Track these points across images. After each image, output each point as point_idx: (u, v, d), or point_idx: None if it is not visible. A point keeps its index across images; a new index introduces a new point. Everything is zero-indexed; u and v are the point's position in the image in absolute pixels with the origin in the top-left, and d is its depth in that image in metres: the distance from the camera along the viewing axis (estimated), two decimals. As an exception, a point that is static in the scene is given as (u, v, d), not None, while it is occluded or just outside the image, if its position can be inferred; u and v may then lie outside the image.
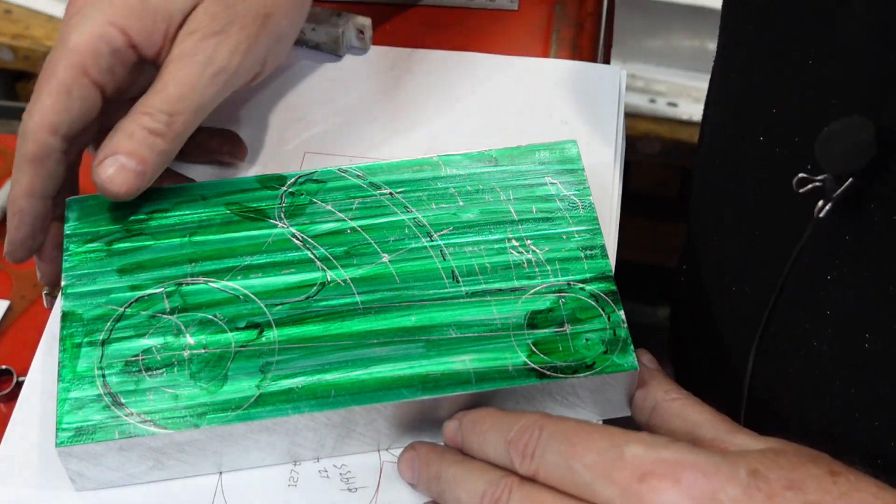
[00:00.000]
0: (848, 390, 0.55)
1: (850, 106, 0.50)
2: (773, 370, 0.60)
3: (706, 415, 0.53)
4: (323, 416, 0.53)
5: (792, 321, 0.57)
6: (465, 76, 0.71)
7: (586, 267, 0.57)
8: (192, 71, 0.57)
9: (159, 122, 0.56)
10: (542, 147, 0.61)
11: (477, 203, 0.59)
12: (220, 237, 0.58)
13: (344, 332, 0.55)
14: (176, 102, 0.56)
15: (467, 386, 0.53)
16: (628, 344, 0.54)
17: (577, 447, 0.48)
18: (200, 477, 0.55)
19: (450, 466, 0.52)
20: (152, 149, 0.56)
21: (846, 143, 0.49)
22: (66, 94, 0.56)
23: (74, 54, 0.56)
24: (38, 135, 0.56)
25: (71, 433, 0.52)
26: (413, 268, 0.57)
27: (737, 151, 0.62)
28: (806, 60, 0.53)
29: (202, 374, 0.54)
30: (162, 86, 0.57)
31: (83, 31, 0.56)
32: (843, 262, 0.53)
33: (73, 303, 0.55)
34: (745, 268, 0.63)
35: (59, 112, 0.56)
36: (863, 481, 0.47)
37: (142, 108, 0.56)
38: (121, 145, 0.56)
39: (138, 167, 0.56)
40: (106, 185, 0.56)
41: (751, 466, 0.47)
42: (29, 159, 0.56)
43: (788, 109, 0.56)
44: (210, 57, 0.57)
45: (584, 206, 0.59)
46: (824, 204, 0.51)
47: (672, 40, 1.31)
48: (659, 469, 0.46)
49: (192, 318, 0.55)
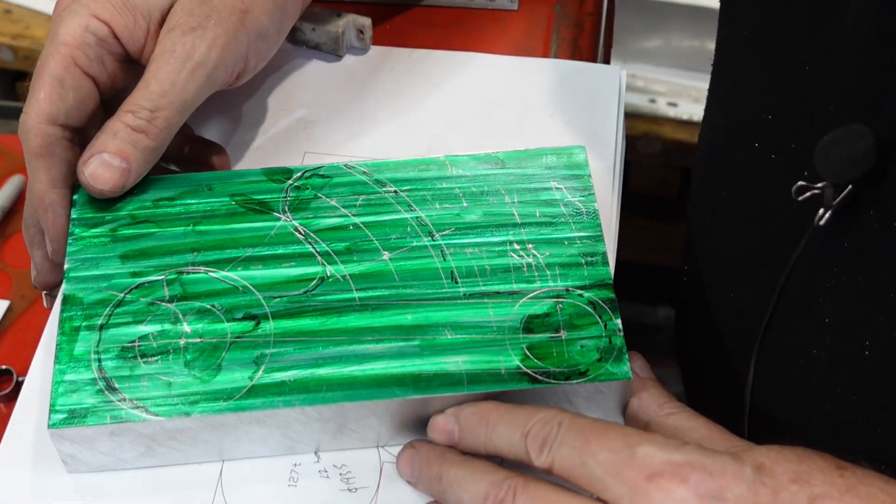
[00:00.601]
0: (849, 397, 0.55)
1: (846, 113, 0.50)
2: (774, 376, 0.60)
3: (702, 430, 0.53)
4: (314, 411, 0.53)
5: (791, 328, 0.57)
6: (465, 76, 0.71)
7: (586, 273, 0.56)
8: (172, 67, 0.58)
9: (142, 119, 0.57)
10: (550, 151, 0.61)
11: (481, 204, 0.59)
12: (224, 227, 0.58)
13: (340, 327, 0.55)
14: (158, 98, 0.57)
15: (459, 387, 0.53)
16: (623, 353, 0.54)
17: (591, 443, 0.49)
18: (199, 475, 0.55)
19: (451, 467, 0.52)
20: (136, 146, 0.57)
21: (845, 151, 0.49)
22: (59, 84, 0.57)
23: (63, 47, 0.58)
24: (38, 127, 0.57)
25: (64, 415, 0.52)
26: (413, 266, 0.57)
27: (733, 156, 0.62)
28: (802, 67, 0.54)
29: (196, 362, 0.54)
30: (144, 83, 0.58)
31: (70, 25, 0.58)
32: (841, 269, 0.53)
33: (74, 286, 0.56)
34: (743, 274, 0.63)
35: (54, 102, 0.57)
36: (869, 475, 0.47)
37: (125, 107, 0.58)
38: (106, 144, 0.57)
39: (122, 164, 0.57)
40: (90, 182, 0.57)
41: (757, 462, 0.47)
42: (37, 153, 0.58)
43: (785, 116, 0.56)
44: (188, 52, 0.58)
45: (587, 212, 0.59)
46: (824, 212, 0.51)
47: (672, 40, 1.31)
48: (668, 469, 0.47)
49: (191, 307, 0.55)
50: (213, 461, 0.55)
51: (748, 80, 0.59)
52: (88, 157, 0.57)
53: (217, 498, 0.54)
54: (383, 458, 0.56)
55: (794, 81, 0.54)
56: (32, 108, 0.57)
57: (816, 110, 0.52)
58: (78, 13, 0.58)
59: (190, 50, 0.58)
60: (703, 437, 0.53)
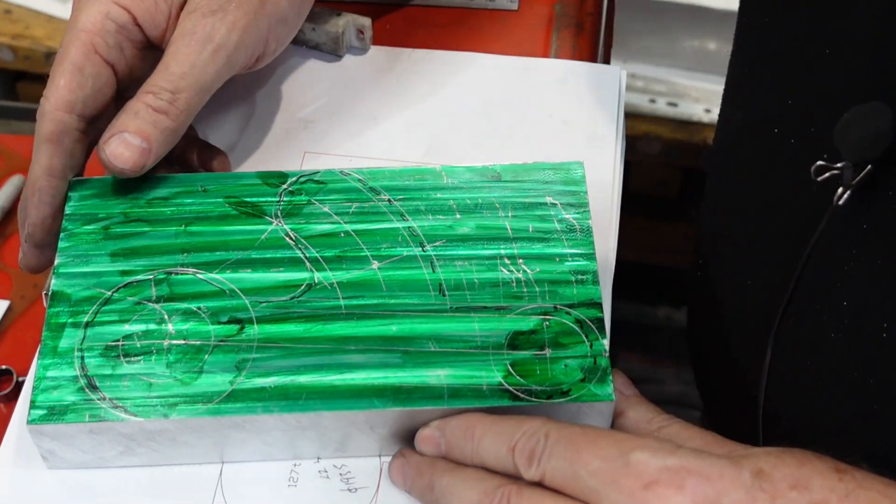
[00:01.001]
0: (866, 380, 0.55)
1: (866, 95, 0.50)
2: (790, 362, 0.60)
3: (696, 440, 0.53)
4: (292, 419, 0.53)
5: (809, 313, 0.57)
6: (465, 76, 0.71)
7: (575, 292, 0.56)
8: (193, 49, 0.58)
9: (163, 100, 0.57)
10: (548, 166, 0.60)
11: (474, 217, 0.59)
12: (215, 229, 0.58)
13: (324, 335, 0.55)
14: (178, 80, 0.58)
15: (439, 401, 0.53)
16: (608, 374, 0.53)
17: (582, 453, 0.48)
18: (199, 476, 0.55)
19: (442, 476, 0.52)
20: (157, 126, 0.57)
21: (864, 129, 0.49)
22: (79, 72, 0.58)
23: (83, 34, 0.58)
24: (54, 113, 0.57)
25: (43, 412, 0.52)
26: (401, 277, 0.56)
27: (752, 145, 0.62)
28: (822, 49, 0.53)
29: (179, 364, 0.54)
30: (164, 65, 0.58)
31: (90, 12, 0.58)
32: (860, 251, 0.53)
33: (63, 282, 0.56)
34: (760, 262, 0.63)
35: (74, 90, 0.58)
36: (868, 479, 0.47)
37: (146, 88, 0.58)
38: (126, 123, 0.57)
39: (143, 144, 0.57)
40: (111, 160, 0.57)
41: (755, 467, 0.47)
42: (46, 138, 0.58)
43: (803, 100, 0.56)
44: (209, 34, 0.58)
45: (581, 229, 0.58)
46: (843, 191, 0.51)
47: (672, 40, 1.31)
48: (664, 476, 0.47)
49: (177, 308, 0.55)
50: (195, 463, 0.55)
51: (767, 67, 0.59)
52: (109, 137, 0.57)
53: (217, 498, 0.54)
54: (383, 458, 0.56)
55: (814, 64, 0.54)
56: (52, 94, 0.58)
57: (836, 92, 0.52)
58: (99, 0, 0.59)
59: (211, 32, 0.58)
60: (698, 447, 0.52)
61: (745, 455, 0.48)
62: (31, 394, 0.53)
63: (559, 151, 0.66)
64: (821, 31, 0.54)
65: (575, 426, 0.50)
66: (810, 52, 0.55)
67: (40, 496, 0.54)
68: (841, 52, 0.53)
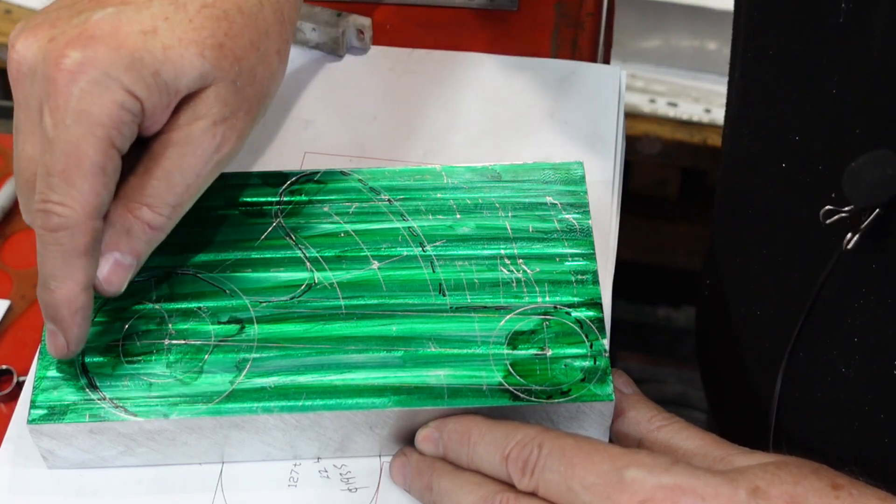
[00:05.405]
0: (877, 415, 0.55)
1: (873, 136, 0.50)
2: (801, 394, 0.60)
3: (696, 441, 0.52)
4: (292, 419, 0.53)
5: (819, 347, 0.57)
6: (465, 76, 0.71)
7: (576, 292, 0.56)
8: (199, 160, 0.53)
9: (162, 215, 0.53)
10: (548, 166, 0.60)
11: (474, 217, 0.59)
12: (216, 230, 0.58)
13: (324, 335, 0.55)
14: (183, 193, 0.53)
15: (439, 401, 0.53)
16: (608, 374, 0.53)
17: (576, 468, 0.48)
18: (200, 476, 0.55)
19: (441, 478, 0.52)
20: (150, 244, 0.53)
21: (873, 177, 0.49)
22: (102, 172, 0.51)
23: (100, 129, 0.50)
24: (87, 224, 0.50)
25: (43, 412, 0.52)
26: (401, 277, 0.57)
27: (759, 175, 0.62)
28: (829, 89, 0.53)
29: (179, 364, 0.54)
30: (165, 172, 0.53)
31: (103, 102, 0.50)
32: (869, 290, 0.53)
33: None
34: (769, 292, 0.63)
35: (100, 193, 0.51)
36: (865, 494, 0.47)
37: (141, 198, 0.52)
38: (118, 242, 0.52)
39: (132, 262, 0.53)
40: (104, 286, 0.52)
41: (751, 484, 0.47)
42: (83, 252, 0.51)
43: (812, 138, 0.56)
44: (218, 145, 0.54)
45: (581, 229, 0.58)
46: (852, 236, 0.51)
47: (672, 40, 1.31)
48: (658, 495, 0.46)
49: (177, 308, 0.56)
50: (195, 463, 0.55)
51: (775, 99, 0.59)
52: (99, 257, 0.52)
53: (217, 498, 0.54)
54: (383, 458, 0.56)
55: (821, 103, 0.54)
56: (76, 202, 0.50)
57: (844, 133, 0.52)
58: (108, 87, 0.50)
59: (220, 143, 0.54)
60: (697, 448, 0.52)
61: (742, 471, 0.48)
62: (32, 393, 0.53)
63: (559, 151, 0.66)
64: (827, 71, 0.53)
65: (569, 437, 0.50)
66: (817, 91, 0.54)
67: (40, 496, 0.55)
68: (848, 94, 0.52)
